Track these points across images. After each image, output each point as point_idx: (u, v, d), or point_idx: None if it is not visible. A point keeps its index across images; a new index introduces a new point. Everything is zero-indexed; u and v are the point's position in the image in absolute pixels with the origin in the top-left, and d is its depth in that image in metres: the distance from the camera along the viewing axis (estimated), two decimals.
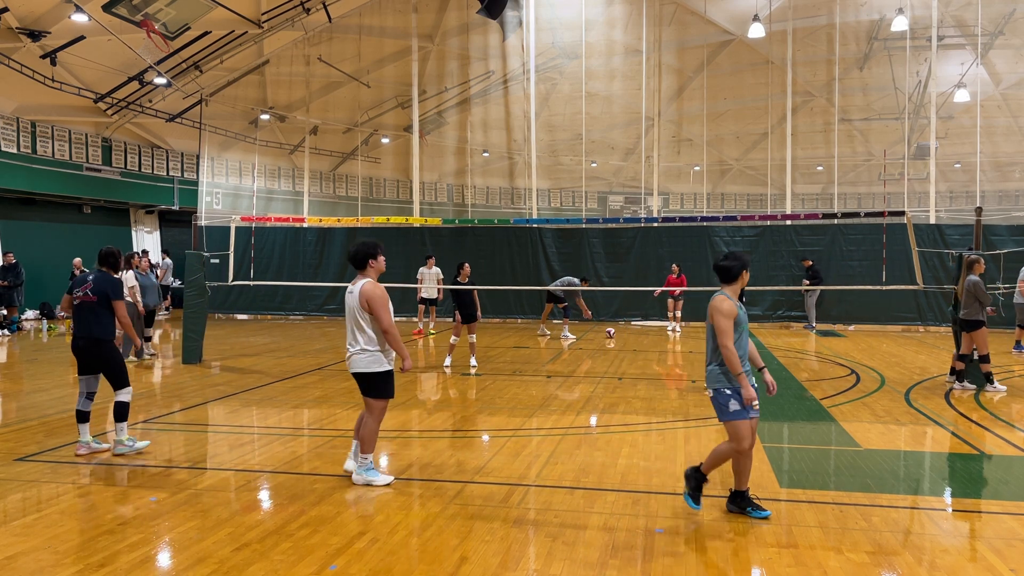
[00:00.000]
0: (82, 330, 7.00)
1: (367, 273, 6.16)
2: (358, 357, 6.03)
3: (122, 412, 7.04)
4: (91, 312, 6.97)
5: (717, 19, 23.78)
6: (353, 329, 6.06)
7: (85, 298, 6.98)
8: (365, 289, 6.01)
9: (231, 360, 13.43)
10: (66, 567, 4.42)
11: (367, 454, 6.05)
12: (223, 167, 24.61)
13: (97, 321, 6.97)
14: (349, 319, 6.11)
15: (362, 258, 6.14)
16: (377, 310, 5.97)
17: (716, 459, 5.34)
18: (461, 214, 26.70)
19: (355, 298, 6.02)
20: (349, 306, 6.10)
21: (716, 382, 5.26)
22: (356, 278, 6.17)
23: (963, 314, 10.15)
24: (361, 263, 6.15)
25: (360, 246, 6.18)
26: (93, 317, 6.97)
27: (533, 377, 11.70)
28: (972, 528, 5.22)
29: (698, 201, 27.21)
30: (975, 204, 15.25)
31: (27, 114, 20.37)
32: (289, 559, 4.56)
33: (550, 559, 4.58)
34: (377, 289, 6.04)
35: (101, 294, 6.99)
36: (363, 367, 6.02)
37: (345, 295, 6.19)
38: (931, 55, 20.62)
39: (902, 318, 18.98)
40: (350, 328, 6.09)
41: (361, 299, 5.99)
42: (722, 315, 5.20)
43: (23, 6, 17.92)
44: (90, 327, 6.96)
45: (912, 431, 8.08)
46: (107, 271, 7.21)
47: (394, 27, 24.25)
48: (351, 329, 6.08)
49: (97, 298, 6.97)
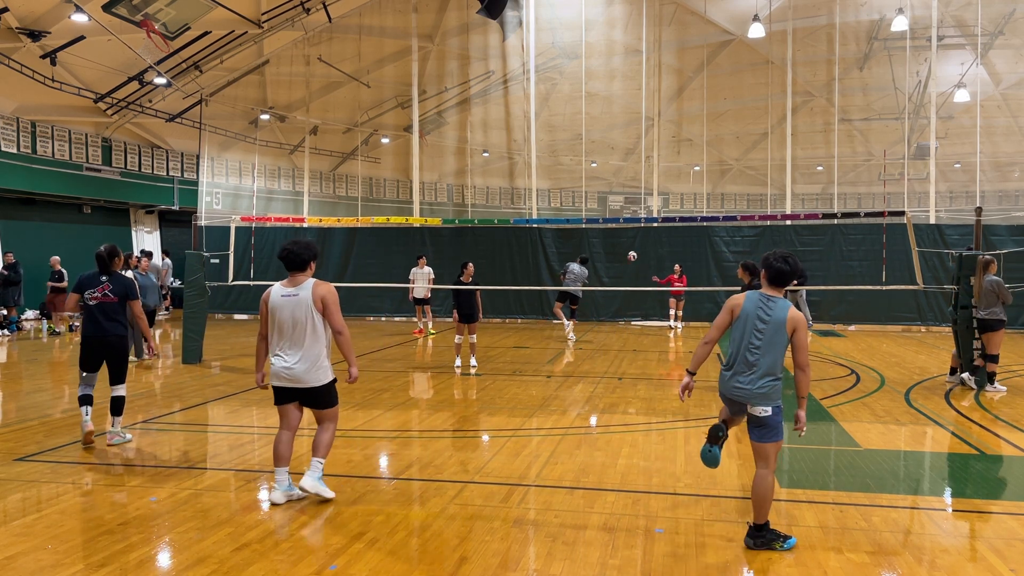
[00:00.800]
0: (98, 328, 7.20)
1: (307, 275, 5.60)
2: (315, 370, 5.48)
3: (119, 406, 7.32)
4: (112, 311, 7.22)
5: (717, 19, 23.79)
6: (305, 338, 5.44)
7: (104, 299, 7.22)
8: (320, 289, 5.49)
9: (231, 360, 13.42)
10: (66, 567, 4.42)
11: (322, 458, 5.61)
12: (223, 167, 24.61)
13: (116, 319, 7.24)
14: (295, 328, 5.45)
15: (308, 257, 5.58)
16: (334, 310, 5.51)
17: (767, 499, 4.76)
18: (461, 214, 26.70)
19: (304, 300, 5.45)
20: (294, 312, 5.46)
21: (776, 399, 4.74)
22: (292, 278, 5.56)
23: (985, 314, 10.16)
24: (304, 264, 5.56)
25: (304, 246, 5.58)
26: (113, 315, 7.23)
27: (533, 377, 11.70)
28: (972, 528, 5.22)
29: (698, 201, 27.22)
30: (975, 204, 15.25)
31: (27, 114, 20.37)
32: (289, 559, 4.56)
33: (550, 559, 4.58)
34: (330, 287, 5.58)
35: (121, 295, 7.28)
36: (322, 380, 5.53)
37: (272, 296, 5.56)
38: (931, 55, 20.62)
39: (902, 318, 18.98)
40: (299, 338, 5.44)
41: (316, 300, 5.45)
42: (804, 329, 4.72)
43: (23, 6, 17.92)
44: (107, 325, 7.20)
45: (912, 431, 8.08)
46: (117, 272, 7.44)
47: (394, 27, 24.25)
48: (302, 338, 5.43)
49: (118, 299, 7.26)
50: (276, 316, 5.54)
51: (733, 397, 4.84)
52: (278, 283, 5.66)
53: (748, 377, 4.75)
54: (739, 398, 4.79)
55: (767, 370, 4.72)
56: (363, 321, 20.53)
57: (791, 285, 4.98)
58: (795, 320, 4.72)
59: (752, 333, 4.76)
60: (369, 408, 9.10)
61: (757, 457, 4.83)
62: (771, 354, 4.72)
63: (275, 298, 5.56)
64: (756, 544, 4.72)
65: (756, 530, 4.76)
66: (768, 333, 4.72)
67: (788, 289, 5.11)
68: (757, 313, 4.77)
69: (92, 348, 7.26)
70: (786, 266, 4.79)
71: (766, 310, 4.75)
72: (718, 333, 4.96)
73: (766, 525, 4.77)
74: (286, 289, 5.56)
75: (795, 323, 4.72)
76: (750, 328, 4.77)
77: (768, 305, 4.77)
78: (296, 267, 5.57)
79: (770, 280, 4.86)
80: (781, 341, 4.72)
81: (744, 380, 4.76)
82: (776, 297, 4.82)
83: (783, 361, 4.79)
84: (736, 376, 4.79)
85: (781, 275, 4.81)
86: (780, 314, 4.72)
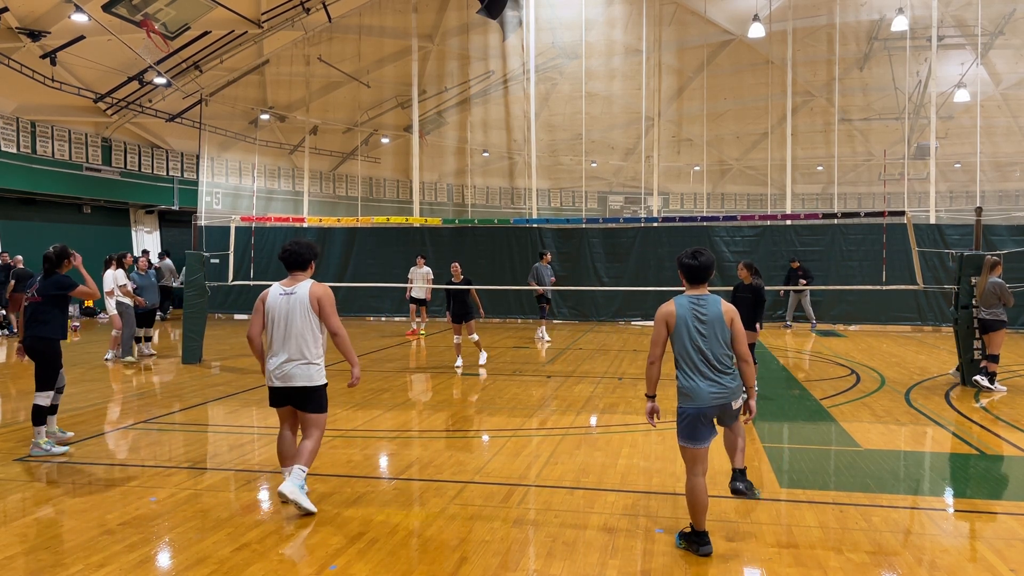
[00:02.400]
0: (25, 328, 7.06)
1: (307, 275, 5.61)
2: (307, 368, 5.42)
3: (38, 415, 6.97)
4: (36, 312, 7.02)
5: (717, 19, 23.79)
6: (300, 336, 5.41)
7: (32, 299, 7.05)
8: (316, 289, 5.48)
9: (231, 360, 13.42)
10: (66, 567, 4.42)
11: (305, 467, 5.40)
12: (223, 167, 24.61)
13: (39, 320, 7.01)
14: (290, 326, 5.42)
15: (309, 257, 5.61)
16: (331, 311, 5.49)
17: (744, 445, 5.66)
18: (461, 214, 26.70)
19: (300, 299, 5.44)
20: (290, 310, 5.44)
21: (742, 391, 4.87)
22: (292, 278, 5.57)
23: (987, 314, 10.17)
24: (304, 264, 5.59)
25: (305, 245, 5.63)
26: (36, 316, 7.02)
27: (533, 377, 11.70)
28: (972, 528, 5.22)
29: (698, 201, 27.22)
30: (975, 204, 15.25)
31: (27, 114, 20.37)
32: (289, 559, 4.56)
33: (550, 559, 4.58)
34: (327, 289, 5.58)
35: (47, 295, 7.05)
36: (315, 380, 5.46)
37: (270, 296, 5.55)
38: (931, 55, 20.62)
39: (902, 318, 18.97)
40: (294, 336, 5.40)
41: (312, 300, 5.44)
42: (739, 319, 4.84)
43: (23, 6, 17.92)
44: (30, 326, 7.01)
45: (912, 431, 8.08)
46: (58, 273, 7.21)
47: (394, 27, 24.26)
48: (297, 336, 5.40)
49: (43, 299, 7.02)
50: (272, 315, 5.49)
51: (716, 404, 4.69)
52: (277, 283, 5.64)
53: (721, 376, 4.68)
54: (721, 401, 4.69)
55: (728, 364, 4.72)
56: (363, 321, 20.53)
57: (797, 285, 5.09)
58: (731, 311, 4.74)
59: (696, 336, 4.67)
60: (369, 408, 9.10)
61: (731, 433, 5.49)
62: (721, 348, 4.70)
63: (272, 297, 5.53)
64: (744, 488, 5.58)
65: (742, 474, 5.64)
66: (710, 330, 4.68)
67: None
68: (694, 314, 4.70)
69: (25, 350, 7.11)
70: (695, 261, 4.75)
71: (700, 310, 4.70)
72: (660, 349, 4.82)
73: (745, 470, 5.66)
74: (284, 288, 5.53)
75: (732, 314, 4.74)
76: (693, 332, 4.68)
77: (700, 304, 4.72)
78: (297, 266, 5.57)
79: (689, 280, 4.82)
80: (725, 334, 4.71)
81: (718, 381, 4.68)
82: (704, 295, 4.78)
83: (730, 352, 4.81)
84: (710, 381, 4.67)
85: (693, 271, 4.77)
86: (715, 308, 4.71)
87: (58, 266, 7.15)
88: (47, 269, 7.13)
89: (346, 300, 21.83)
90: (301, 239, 5.66)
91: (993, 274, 10.22)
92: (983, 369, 10.29)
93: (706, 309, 4.70)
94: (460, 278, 12.52)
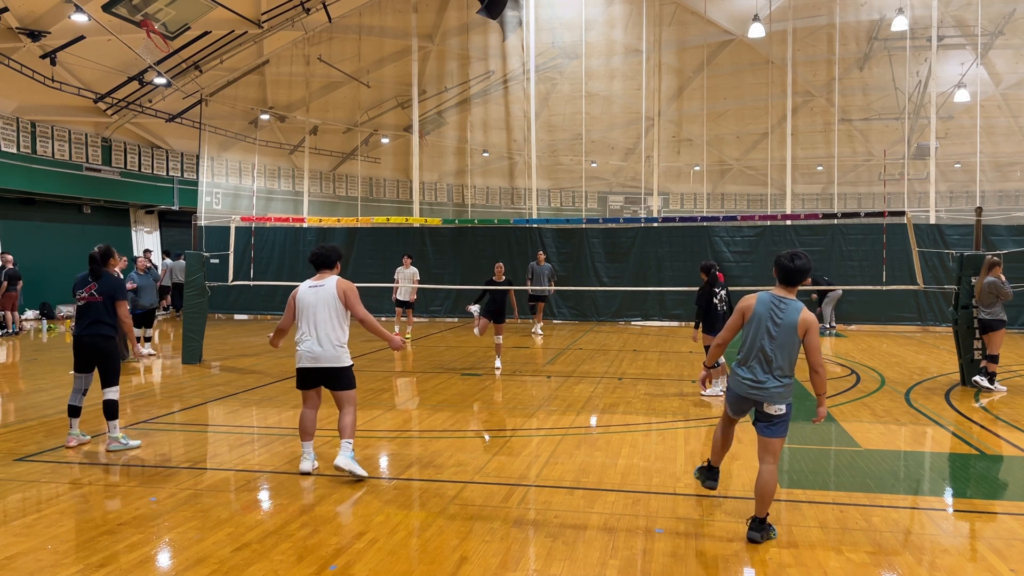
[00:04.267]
0: (82, 328, 7.14)
1: (333, 273, 6.37)
2: (335, 351, 6.15)
3: (112, 410, 7.13)
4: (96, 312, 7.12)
5: (717, 19, 23.78)
6: (328, 323, 6.13)
7: (91, 299, 7.14)
8: (342, 283, 6.23)
9: (231, 360, 13.42)
10: (66, 567, 4.42)
11: (350, 439, 6.17)
12: (223, 167, 24.61)
13: (101, 320, 7.13)
14: (318, 314, 6.14)
15: (334, 259, 6.41)
16: (355, 301, 6.20)
17: (772, 493, 4.83)
18: (461, 214, 26.70)
19: (328, 292, 6.18)
20: (318, 301, 6.17)
21: (789, 398, 4.83)
22: (319, 276, 6.33)
23: (986, 314, 10.17)
24: (331, 263, 6.38)
25: (331, 248, 6.44)
26: (98, 316, 7.13)
27: (533, 377, 11.70)
28: (972, 528, 5.22)
29: (698, 201, 27.22)
30: (975, 204, 15.25)
31: (27, 114, 20.37)
32: (289, 559, 4.56)
33: (550, 559, 4.58)
34: (351, 283, 6.29)
35: (107, 295, 7.17)
36: (343, 362, 6.19)
37: (301, 291, 6.29)
38: (931, 55, 20.62)
39: (902, 318, 18.97)
40: (322, 323, 6.13)
41: (339, 292, 6.18)
42: (816, 331, 4.76)
43: (23, 6, 17.92)
44: (91, 326, 7.11)
45: (912, 431, 8.08)
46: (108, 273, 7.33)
47: (394, 27, 24.25)
48: (325, 323, 6.13)
49: (103, 299, 7.14)
50: (302, 306, 6.22)
51: (747, 396, 4.88)
52: (306, 281, 6.37)
53: (764, 377, 4.79)
54: (754, 397, 4.83)
55: (783, 371, 4.77)
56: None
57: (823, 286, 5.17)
58: (807, 322, 4.73)
59: (765, 336, 4.78)
60: (369, 408, 9.09)
61: (764, 451, 4.87)
62: (785, 355, 4.76)
63: (303, 291, 6.28)
64: (761, 537, 4.74)
65: (759, 523, 4.79)
66: (780, 335, 4.75)
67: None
68: (770, 315, 4.78)
69: (78, 348, 7.20)
70: (791, 264, 4.77)
71: (778, 312, 4.76)
72: (730, 334, 5.07)
73: (766, 518, 4.82)
74: (313, 283, 6.30)
75: (807, 325, 4.72)
76: (763, 330, 4.79)
77: (780, 307, 4.77)
78: (324, 266, 6.36)
79: (781, 280, 4.85)
80: (794, 343, 4.75)
81: (760, 381, 4.80)
82: (788, 299, 4.81)
83: (796, 361, 4.84)
84: (752, 377, 4.84)
85: (789, 274, 4.79)
86: (792, 316, 4.73)
87: (104, 265, 7.28)
88: (93, 269, 7.23)
89: None
90: (327, 244, 6.54)
91: (992, 274, 10.22)
92: (983, 369, 10.29)
93: (784, 314, 4.76)
94: (503, 278, 12.49)
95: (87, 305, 7.15)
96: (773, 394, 4.77)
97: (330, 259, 6.38)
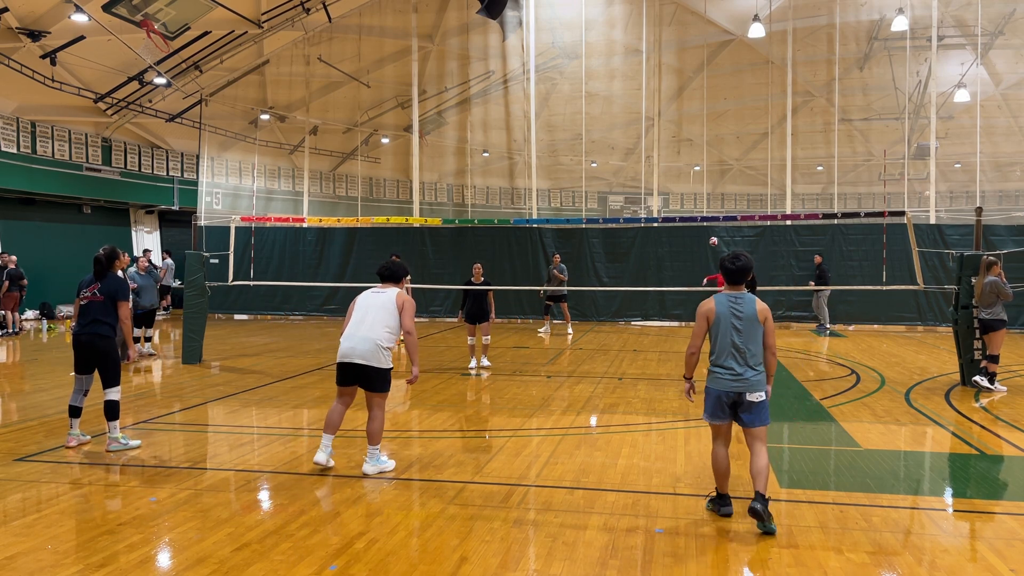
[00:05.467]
0: (82, 327, 7.17)
1: (398, 286, 6.68)
2: (376, 350, 6.27)
3: (113, 410, 7.15)
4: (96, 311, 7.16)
5: (717, 19, 23.79)
6: (375, 321, 6.30)
7: (92, 299, 7.19)
8: (403, 295, 6.53)
9: (231, 360, 13.42)
10: (66, 567, 4.42)
11: (376, 445, 6.41)
12: (223, 167, 24.61)
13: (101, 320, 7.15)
14: (369, 313, 6.35)
15: (401, 274, 6.72)
16: (410, 314, 6.46)
17: (767, 471, 5.12)
18: (461, 214, 26.70)
19: (388, 297, 6.45)
20: (374, 303, 6.42)
21: (766, 384, 5.22)
22: (383, 286, 6.63)
23: (986, 315, 10.18)
24: (398, 278, 6.68)
25: (400, 265, 6.76)
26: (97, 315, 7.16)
27: (533, 377, 11.70)
28: (972, 528, 5.22)
29: (698, 201, 27.22)
30: (975, 204, 15.25)
31: (27, 114, 20.37)
32: (289, 559, 4.56)
33: (550, 559, 4.58)
34: (411, 298, 6.60)
35: (108, 295, 7.20)
36: (381, 363, 6.30)
37: (364, 294, 6.59)
38: (931, 55, 20.62)
39: (902, 318, 18.98)
40: (370, 322, 6.30)
41: (398, 299, 6.45)
42: (771, 316, 5.29)
43: (23, 6, 17.92)
44: (89, 325, 7.14)
45: (912, 431, 8.08)
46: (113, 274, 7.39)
47: (394, 27, 24.25)
48: (374, 323, 6.29)
49: (104, 298, 7.18)
50: (360, 306, 6.48)
51: (732, 391, 5.17)
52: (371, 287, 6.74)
53: (742, 369, 5.18)
54: (737, 390, 5.16)
55: (756, 359, 5.20)
56: None
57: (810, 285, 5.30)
58: (764, 310, 5.25)
59: (732, 331, 5.20)
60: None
61: (754, 440, 5.20)
62: (754, 344, 5.20)
63: (364, 294, 6.60)
64: (763, 509, 4.95)
65: (763, 497, 5.03)
66: (745, 327, 5.19)
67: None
68: (731, 312, 5.21)
69: (76, 347, 7.23)
70: (733, 265, 5.25)
71: (737, 308, 5.21)
72: (700, 340, 5.36)
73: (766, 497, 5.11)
74: (377, 288, 6.62)
75: (765, 312, 5.24)
76: (729, 327, 5.20)
77: (737, 303, 5.23)
78: (391, 280, 6.67)
79: (729, 281, 5.32)
80: (758, 331, 5.21)
81: (739, 373, 5.17)
82: (740, 294, 5.29)
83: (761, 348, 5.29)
84: (732, 371, 5.19)
85: (732, 274, 5.28)
86: (751, 307, 5.22)
87: (109, 267, 7.33)
88: (98, 271, 7.28)
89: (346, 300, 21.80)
90: (395, 260, 6.93)
91: (991, 274, 10.22)
92: (983, 369, 10.29)
93: (742, 307, 5.22)
94: (481, 279, 12.48)
95: (88, 304, 7.18)
96: (753, 383, 5.15)
97: (397, 274, 6.68)
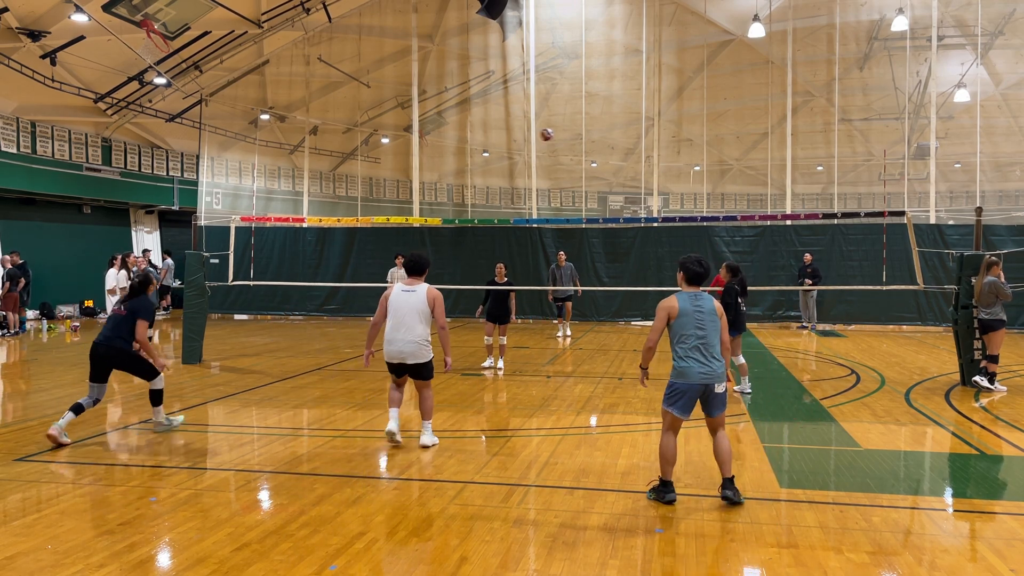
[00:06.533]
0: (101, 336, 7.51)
1: (422, 279, 7.24)
2: (419, 348, 7.06)
3: (156, 397, 7.68)
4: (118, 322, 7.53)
5: (717, 19, 23.79)
6: (413, 323, 7.01)
7: (117, 311, 7.67)
8: (432, 292, 7.10)
9: (231, 360, 13.42)
10: (66, 567, 4.42)
11: (429, 420, 7.28)
12: (223, 167, 24.61)
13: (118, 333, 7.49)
14: (406, 314, 7.02)
15: (424, 266, 7.30)
16: (440, 310, 7.10)
17: (730, 455, 5.64)
18: (461, 214, 26.71)
19: (419, 297, 7.05)
20: (407, 303, 7.04)
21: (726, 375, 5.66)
22: (408, 281, 7.21)
23: (986, 315, 10.18)
24: (422, 270, 7.26)
25: (424, 257, 7.35)
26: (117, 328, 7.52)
27: (533, 377, 11.70)
28: (972, 528, 5.22)
29: (698, 201, 27.22)
30: (975, 204, 15.25)
31: (27, 114, 20.37)
32: (289, 559, 4.56)
33: (550, 559, 4.58)
34: (439, 293, 7.17)
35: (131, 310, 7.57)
36: (425, 357, 7.11)
37: (394, 293, 7.13)
38: (931, 55, 20.62)
39: (902, 318, 18.97)
40: (409, 324, 7.01)
41: (428, 299, 7.06)
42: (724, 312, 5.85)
43: (23, 6, 17.92)
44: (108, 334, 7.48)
45: (912, 431, 8.08)
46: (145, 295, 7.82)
47: (394, 27, 24.25)
48: (411, 324, 7.01)
49: (127, 312, 7.56)
50: (394, 307, 7.10)
51: (701, 383, 5.53)
52: (399, 283, 7.22)
53: (708, 361, 5.55)
54: (706, 382, 5.53)
55: (718, 352, 5.62)
56: (363, 321, 20.52)
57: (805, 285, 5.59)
58: (719, 307, 5.74)
59: (694, 327, 5.57)
60: (369, 408, 9.10)
61: (717, 427, 5.66)
62: (715, 337, 5.63)
63: (396, 293, 7.13)
64: (734, 495, 5.45)
65: (731, 482, 5.52)
66: (707, 322, 5.60)
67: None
68: (693, 309, 5.61)
69: (92, 356, 7.45)
70: (700, 268, 5.74)
71: (698, 304, 5.63)
72: (659, 335, 5.75)
73: (733, 478, 5.57)
74: (406, 287, 7.15)
75: (720, 309, 5.72)
76: (692, 323, 5.58)
77: (697, 300, 5.66)
78: (416, 272, 7.24)
79: (689, 281, 5.76)
80: (717, 324, 5.65)
81: (707, 365, 5.54)
82: (699, 292, 5.75)
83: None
84: (701, 363, 5.54)
85: (697, 276, 5.76)
86: (710, 304, 5.68)
87: (143, 292, 7.78)
88: (132, 295, 7.77)
89: (346, 300, 21.86)
90: (418, 252, 7.49)
91: (990, 274, 10.22)
92: (983, 369, 10.29)
93: (702, 303, 5.65)
94: (504, 279, 12.45)
95: (112, 316, 7.69)
96: (719, 374, 5.56)
97: (421, 266, 7.25)
